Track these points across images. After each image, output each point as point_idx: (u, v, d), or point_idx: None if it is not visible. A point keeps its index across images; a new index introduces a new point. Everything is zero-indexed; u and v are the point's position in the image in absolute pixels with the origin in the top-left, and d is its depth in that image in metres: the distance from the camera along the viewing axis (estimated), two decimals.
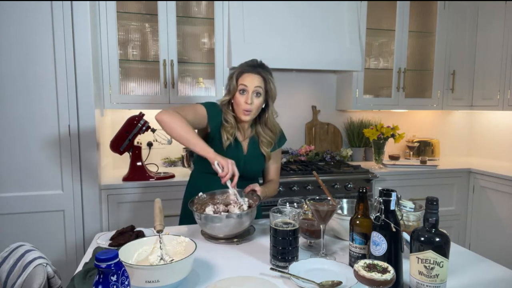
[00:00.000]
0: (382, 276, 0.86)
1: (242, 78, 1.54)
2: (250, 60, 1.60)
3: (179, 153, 2.81)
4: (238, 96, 1.53)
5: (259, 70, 1.55)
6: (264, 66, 1.58)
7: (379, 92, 3.11)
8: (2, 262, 1.23)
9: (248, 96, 1.51)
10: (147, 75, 2.64)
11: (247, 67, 1.56)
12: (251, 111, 1.53)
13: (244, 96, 1.52)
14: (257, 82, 1.52)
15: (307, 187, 2.48)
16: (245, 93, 1.52)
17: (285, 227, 1.14)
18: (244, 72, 1.54)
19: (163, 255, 1.11)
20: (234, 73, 1.57)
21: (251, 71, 1.54)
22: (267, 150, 1.64)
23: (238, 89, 1.53)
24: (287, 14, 2.59)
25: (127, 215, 2.31)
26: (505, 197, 2.67)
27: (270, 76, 1.56)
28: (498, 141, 3.25)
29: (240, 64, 1.60)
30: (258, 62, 1.59)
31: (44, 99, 2.07)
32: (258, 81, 1.53)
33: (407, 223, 1.26)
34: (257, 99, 1.53)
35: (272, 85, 1.56)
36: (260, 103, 1.55)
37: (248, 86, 1.51)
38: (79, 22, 2.08)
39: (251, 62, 1.59)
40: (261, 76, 1.54)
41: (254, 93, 1.52)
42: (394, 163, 2.95)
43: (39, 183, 2.11)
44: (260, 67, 1.57)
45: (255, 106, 1.53)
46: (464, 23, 3.10)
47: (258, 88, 1.52)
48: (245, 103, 1.51)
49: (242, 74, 1.54)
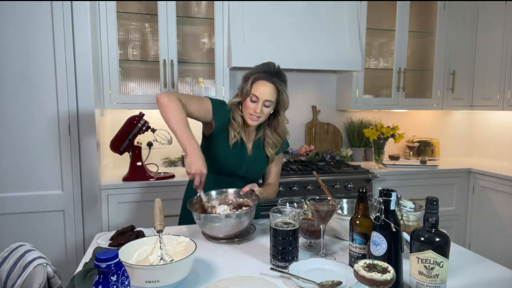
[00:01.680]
0: (382, 276, 0.86)
1: (256, 86, 1.51)
2: (266, 64, 1.56)
3: (179, 153, 2.82)
4: (248, 101, 1.52)
5: (274, 80, 1.51)
6: (280, 74, 1.55)
7: (379, 92, 3.11)
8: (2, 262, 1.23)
9: (258, 106, 1.50)
10: (147, 75, 2.64)
11: (264, 74, 1.52)
12: (259, 118, 1.53)
13: (254, 104, 1.51)
14: (269, 95, 1.50)
15: (307, 187, 2.48)
16: (255, 103, 1.51)
17: (285, 227, 1.14)
18: (259, 79, 1.51)
19: (163, 255, 1.11)
20: (249, 77, 1.53)
21: (267, 79, 1.51)
22: (271, 151, 1.64)
23: (250, 98, 1.52)
24: (287, 14, 2.58)
25: (127, 215, 2.31)
26: (505, 197, 2.67)
27: (284, 87, 1.54)
28: (498, 141, 3.25)
29: (257, 66, 1.57)
30: (274, 69, 1.55)
31: (44, 99, 2.07)
32: (270, 92, 1.50)
33: (407, 223, 1.27)
34: (266, 109, 1.53)
35: (285, 96, 1.55)
36: (269, 111, 1.54)
37: (259, 97, 1.50)
38: (79, 22, 2.08)
39: (268, 68, 1.54)
40: (275, 87, 1.51)
41: (264, 104, 1.51)
42: (394, 163, 2.95)
43: (39, 183, 2.11)
44: (276, 75, 1.53)
45: (263, 114, 1.53)
46: (464, 23, 3.10)
47: (269, 102, 1.51)
48: (253, 111, 1.51)
49: (257, 81, 1.51)
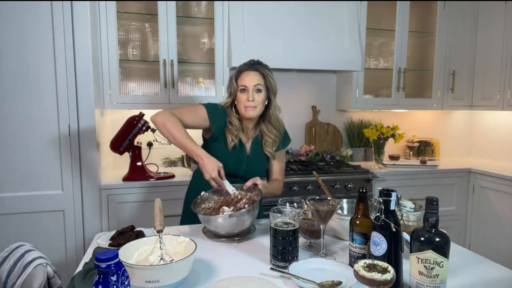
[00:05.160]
0: (382, 276, 0.86)
1: (241, 78, 1.56)
2: (247, 61, 1.63)
3: (179, 153, 2.81)
4: (239, 95, 1.55)
5: (256, 67, 1.57)
6: (261, 63, 1.61)
7: (379, 92, 3.11)
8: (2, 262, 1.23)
9: (249, 94, 1.53)
10: (147, 75, 2.64)
11: (244, 65, 1.60)
12: (256, 107, 1.55)
13: (245, 94, 1.54)
14: (256, 80, 1.55)
15: (307, 187, 2.48)
16: (245, 91, 1.54)
17: (285, 227, 1.14)
18: (242, 72, 1.57)
19: (163, 255, 1.11)
20: (233, 75, 1.60)
21: (249, 69, 1.57)
22: (270, 150, 1.65)
23: (239, 89, 1.55)
24: (287, 14, 2.58)
25: (127, 215, 2.31)
26: (505, 197, 2.67)
27: (268, 71, 1.58)
28: (498, 141, 3.25)
29: (239, 65, 1.63)
30: (255, 61, 1.62)
31: (44, 99, 2.07)
32: (257, 78, 1.55)
33: (407, 223, 1.27)
34: (258, 95, 1.55)
35: (272, 79, 1.58)
36: (262, 98, 1.56)
37: (247, 85, 1.53)
38: (79, 22, 2.08)
39: (248, 62, 1.62)
40: (259, 72, 1.56)
41: (255, 90, 1.54)
42: (394, 163, 2.95)
43: (39, 183, 2.11)
44: (257, 64, 1.60)
45: (258, 102, 1.55)
46: (464, 23, 3.10)
47: (258, 86, 1.55)
48: (246, 101, 1.53)
49: (241, 73, 1.57)
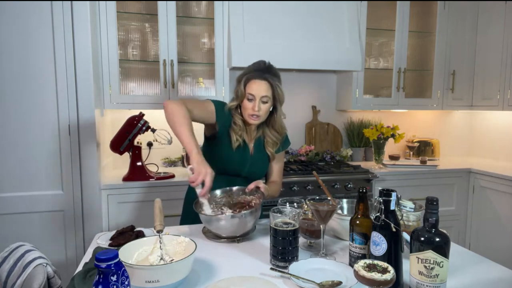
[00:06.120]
0: (382, 276, 0.86)
1: (249, 85, 1.53)
2: (257, 63, 1.58)
3: (179, 153, 2.82)
4: (246, 102, 1.54)
5: (266, 76, 1.53)
6: (272, 70, 1.57)
7: (379, 92, 3.11)
8: (2, 262, 1.23)
9: (255, 104, 1.52)
10: (147, 75, 2.64)
11: (254, 72, 1.55)
12: (260, 116, 1.55)
13: (251, 103, 1.53)
14: (264, 91, 1.52)
15: (307, 187, 2.48)
16: (252, 100, 1.53)
17: (285, 227, 1.14)
18: (251, 79, 1.54)
19: (163, 255, 1.11)
20: (242, 79, 1.56)
21: (258, 77, 1.53)
22: (271, 150, 1.66)
23: (246, 97, 1.54)
24: (287, 14, 2.58)
25: (127, 215, 2.31)
26: (505, 197, 2.67)
27: (277, 82, 1.56)
28: (498, 141, 3.25)
29: (248, 67, 1.60)
30: (265, 65, 1.57)
31: (44, 99, 2.07)
32: (265, 89, 1.52)
33: (407, 223, 1.27)
34: (264, 105, 1.54)
35: (280, 90, 1.56)
36: (267, 108, 1.55)
37: (255, 94, 1.52)
38: (79, 22, 2.08)
39: (258, 66, 1.57)
40: (268, 82, 1.53)
41: (261, 101, 1.53)
42: (394, 163, 2.95)
43: (39, 183, 2.11)
44: (267, 71, 1.55)
45: (263, 112, 1.54)
46: (464, 23, 3.10)
47: (265, 98, 1.53)
48: (252, 109, 1.52)
49: (250, 80, 1.54)
